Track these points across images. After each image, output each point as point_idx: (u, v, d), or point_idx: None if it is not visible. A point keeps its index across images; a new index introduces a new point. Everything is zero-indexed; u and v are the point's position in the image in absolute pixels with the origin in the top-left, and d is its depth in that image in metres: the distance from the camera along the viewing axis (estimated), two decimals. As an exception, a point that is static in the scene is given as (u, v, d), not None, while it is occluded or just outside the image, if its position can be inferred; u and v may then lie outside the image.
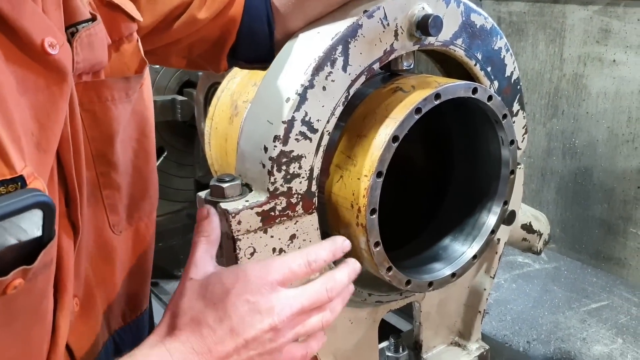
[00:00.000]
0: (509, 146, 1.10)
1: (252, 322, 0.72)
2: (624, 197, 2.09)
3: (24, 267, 0.64)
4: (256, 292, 0.73)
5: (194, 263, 0.80)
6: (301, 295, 0.76)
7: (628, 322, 1.93)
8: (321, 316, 0.78)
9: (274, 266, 0.76)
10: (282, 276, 0.76)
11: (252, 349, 0.73)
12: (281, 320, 0.73)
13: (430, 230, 1.21)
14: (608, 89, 2.06)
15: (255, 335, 0.72)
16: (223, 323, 0.72)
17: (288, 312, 0.74)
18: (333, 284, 0.79)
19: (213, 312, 0.73)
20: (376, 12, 0.98)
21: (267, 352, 0.74)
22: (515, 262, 2.30)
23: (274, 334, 0.73)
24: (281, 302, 0.74)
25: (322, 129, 0.97)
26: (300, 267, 0.77)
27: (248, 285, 0.74)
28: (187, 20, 1.04)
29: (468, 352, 1.36)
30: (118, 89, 0.87)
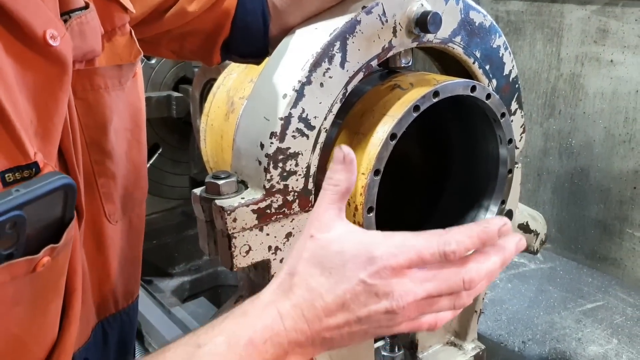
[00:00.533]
0: (507, 145, 1.10)
1: (367, 303, 0.68)
2: (620, 198, 2.09)
3: (52, 246, 0.66)
4: (375, 275, 0.67)
5: (319, 217, 0.73)
6: (430, 281, 0.68)
7: (623, 323, 1.93)
8: (454, 300, 0.70)
9: (402, 251, 0.67)
10: (409, 263, 0.67)
11: (365, 323, 0.69)
12: (400, 306, 0.67)
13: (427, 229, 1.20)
14: (605, 89, 2.05)
15: (369, 314, 0.68)
16: (336, 298, 0.68)
17: (410, 299, 0.67)
18: (474, 276, 0.68)
19: (328, 283, 0.69)
20: (375, 8, 0.97)
21: (384, 326, 0.70)
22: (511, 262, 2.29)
23: (393, 316, 0.68)
24: (404, 288, 0.67)
25: (320, 126, 0.96)
26: (433, 256, 0.67)
27: (370, 264, 0.67)
28: (177, 12, 1.04)
29: (464, 352, 1.36)
30: (111, 76, 0.87)
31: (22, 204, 0.62)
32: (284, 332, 0.69)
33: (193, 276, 2.65)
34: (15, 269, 0.64)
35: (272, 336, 0.69)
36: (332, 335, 0.70)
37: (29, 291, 0.68)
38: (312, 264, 0.70)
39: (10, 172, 0.63)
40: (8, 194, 0.62)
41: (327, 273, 0.69)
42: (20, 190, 0.62)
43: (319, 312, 0.69)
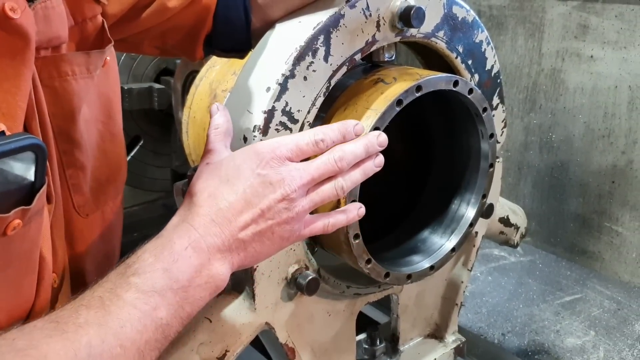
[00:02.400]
0: (489, 140, 1.10)
1: (265, 193, 0.77)
2: (599, 192, 2.11)
3: (23, 208, 0.66)
4: (266, 166, 0.77)
5: (209, 150, 0.84)
6: (310, 166, 0.80)
7: (600, 315, 1.96)
8: (334, 183, 0.82)
9: (282, 143, 0.80)
10: (290, 152, 0.79)
11: (269, 218, 0.77)
12: (292, 189, 0.77)
13: (409, 223, 1.21)
14: (585, 85, 2.08)
15: (269, 204, 0.77)
16: (238, 195, 0.77)
17: (298, 182, 0.78)
18: (341, 154, 0.81)
19: (227, 186, 0.77)
20: (358, 2, 0.97)
21: (285, 222, 0.79)
22: (491, 255, 2.32)
23: (288, 203, 0.78)
24: (290, 174, 0.78)
25: (303, 120, 0.96)
26: (308, 145, 0.81)
27: (259, 160, 0.78)
28: (157, 8, 1.03)
29: (444, 344, 1.37)
30: (78, 63, 0.86)
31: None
32: (200, 238, 0.75)
33: (174, 269, 2.63)
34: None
35: (191, 243, 0.74)
36: (245, 236, 0.77)
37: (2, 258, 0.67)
38: (211, 179, 0.79)
39: None
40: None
41: (225, 179, 0.78)
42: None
43: (226, 214, 0.76)
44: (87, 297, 0.69)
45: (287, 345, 1.08)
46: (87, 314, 0.66)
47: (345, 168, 0.82)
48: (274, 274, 0.99)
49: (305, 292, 1.00)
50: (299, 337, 1.09)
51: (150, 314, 0.69)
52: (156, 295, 0.70)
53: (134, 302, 0.68)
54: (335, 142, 0.83)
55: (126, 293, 0.69)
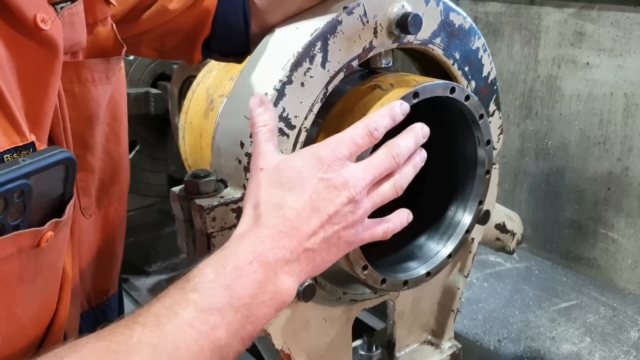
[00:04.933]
0: (485, 146, 1.11)
1: (331, 198, 0.75)
2: (595, 199, 2.12)
3: (56, 220, 0.67)
4: (328, 169, 0.75)
5: (261, 153, 0.80)
6: (369, 165, 0.78)
7: (596, 322, 1.96)
8: (393, 182, 0.81)
9: (340, 142, 0.78)
10: (349, 151, 0.77)
11: (336, 223, 0.75)
12: (357, 191, 0.76)
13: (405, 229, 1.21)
14: (581, 91, 2.08)
15: (336, 209, 0.75)
16: (304, 203, 0.74)
17: (362, 183, 0.76)
18: (398, 150, 0.80)
19: (292, 195, 0.74)
20: (356, 8, 0.97)
21: (350, 225, 0.76)
22: (487, 261, 2.32)
23: (353, 206, 0.76)
24: (354, 175, 0.76)
25: (300, 126, 0.96)
26: (363, 138, 0.78)
27: (320, 164, 0.75)
28: (157, 10, 1.03)
29: (441, 350, 1.37)
30: (98, 70, 0.87)
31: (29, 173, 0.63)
32: (267, 251, 0.71)
33: (170, 274, 2.63)
34: (21, 241, 0.64)
35: (257, 257, 0.70)
36: (313, 244, 0.74)
37: (33, 269, 0.67)
38: (272, 187, 0.76)
39: (9, 153, 0.64)
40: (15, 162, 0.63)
41: (288, 188, 0.75)
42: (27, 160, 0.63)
43: (294, 223, 0.73)
44: (144, 313, 0.66)
45: (283, 352, 1.07)
46: (142, 332, 0.63)
47: (401, 164, 0.81)
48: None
49: (302, 298, 1.00)
50: (295, 343, 1.09)
51: (208, 335, 0.65)
52: (215, 313, 0.66)
53: (192, 322, 0.65)
54: (387, 128, 0.81)
55: (184, 310, 0.65)
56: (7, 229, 0.63)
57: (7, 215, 0.63)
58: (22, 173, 0.63)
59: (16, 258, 0.64)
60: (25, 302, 0.70)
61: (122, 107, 0.99)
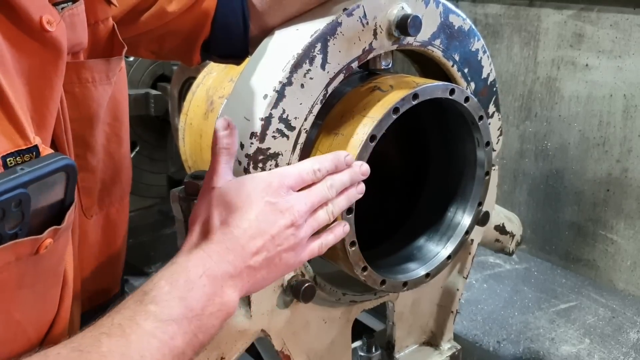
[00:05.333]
0: (485, 147, 1.11)
1: (275, 220, 0.80)
2: (594, 200, 2.12)
3: (55, 227, 0.68)
4: (274, 194, 0.82)
5: (217, 173, 0.85)
6: (309, 194, 0.85)
7: (595, 323, 1.96)
8: (326, 210, 0.87)
9: (288, 173, 0.85)
10: (295, 182, 0.84)
11: (279, 244, 0.81)
12: (300, 216, 0.82)
13: (405, 230, 1.22)
14: (580, 93, 2.08)
15: (279, 231, 0.81)
16: (251, 222, 0.80)
17: (303, 209, 0.83)
18: (332, 182, 0.88)
19: (239, 214, 0.80)
20: (356, 10, 0.97)
21: (291, 248, 0.83)
22: (487, 263, 2.32)
23: (295, 229, 0.82)
24: (297, 202, 0.83)
25: (300, 127, 0.96)
26: (308, 174, 0.86)
27: (268, 188, 0.82)
28: (156, 12, 1.03)
29: (440, 351, 1.37)
30: (98, 70, 0.87)
31: (27, 182, 0.63)
32: (214, 266, 0.76)
33: (169, 275, 2.62)
34: (19, 249, 0.64)
35: (205, 271, 0.76)
36: (255, 263, 0.79)
37: (32, 274, 0.68)
38: (221, 206, 0.81)
39: (12, 157, 0.64)
40: (13, 172, 0.63)
41: (236, 207, 0.80)
42: (25, 169, 0.63)
43: (240, 241, 0.79)
44: (107, 324, 0.69)
45: (283, 353, 1.07)
46: (109, 342, 0.67)
47: (334, 195, 0.88)
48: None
49: (301, 299, 1.00)
50: (294, 344, 1.09)
51: (168, 343, 0.70)
52: (173, 324, 0.71)
53: (153, 331, 0.69)
54: (329, 172, 0.88)
55: (145, 322, 0.69)
56: (4, 238, 0.63)
57: (4, 225, 0.63)
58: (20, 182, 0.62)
59: (14, 266, 0.65)
60: (25, 307, 0.70)
61: (123, 107, 0.99)
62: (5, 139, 0.64)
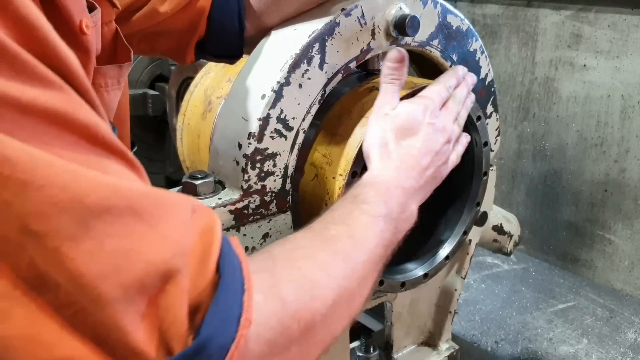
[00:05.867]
0: (483, 148, 1.11)
1: (437, 138, 0.94)
2: (592, 200, 2.12)
3: None
4: (432, 115, 0.94)
5: (389, 102, 0.95)
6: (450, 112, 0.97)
7: (593, 323, 1.96)
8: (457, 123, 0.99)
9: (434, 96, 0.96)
10: (440, 102, 0.97)
11: (440, 158, 0.94)
12: (452, 132, 0.96)
13: (403, 231, 1.21)
14: (578, 93, 2.09)
15: (440, 147, 0.94)
16: (420, 142, 0.92)
17: (451, 126, 0.97)
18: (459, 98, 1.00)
19: (411, 135, 0.92)
20: (354, 10, 0.97)
21: (446, 161, 0.96)
22: (485, 263, 2.32)
23: (449, 145, 0.96)
24: (447, 120, 0.96)
25: (298, 127, 0.96)
26: (445, 92, 0.98)
27: (427, 111, 0.94)
28: (148, 12, 1.03)
29: (438, 352, 1.37)
30: (111, 76, 0.87)
31: None
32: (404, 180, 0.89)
33: (167, 275, 2.62)
34: None
35: (399, 183, 0.88)
36: (427, 177, 0.92)
37: None
38: (396, 130, 0.92)
39: None
40: None
41: (408, 129, 0.92)
42: None
43: (416, 158, 0.91)
44: (329, 217, 0.79)
45: (281, 353, 1.07)
46: (336, 229, 0.76)
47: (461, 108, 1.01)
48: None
49: (299, 299, 1.00)
50: (292, 344, 1.09)
51: (380, 235, 0.80)
52: (382, 220, 0.81)
53: (369, 224, 0.80)
54: (454, 87, 1.00)
55: (362, 215, 0.80)
56: None
57: None
58: None
59: None
60: None
61: (125, 107, 1.00)
62: None
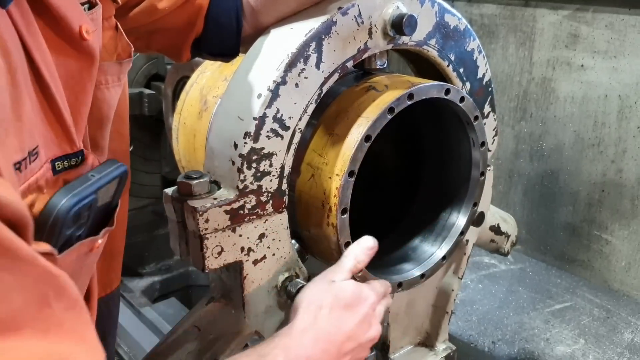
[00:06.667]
0: (480, 148, 1.10)
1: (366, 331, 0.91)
2: (589, 200, 2.12)
3: (108, 228, 0.74)
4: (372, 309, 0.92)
5: (342, 271, 0.94)
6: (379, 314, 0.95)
7: (590, 323, 1.96)
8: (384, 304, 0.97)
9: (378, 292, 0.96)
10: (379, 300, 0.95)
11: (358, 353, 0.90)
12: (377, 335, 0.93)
13: (400, 231, 1.21)
14: (575, 94, 2.08)
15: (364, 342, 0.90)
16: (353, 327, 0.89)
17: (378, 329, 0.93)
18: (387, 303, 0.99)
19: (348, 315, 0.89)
20: (351, 9, 0.97)
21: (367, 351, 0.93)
22: (482, 263, 2.31)
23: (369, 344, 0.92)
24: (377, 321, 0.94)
25: (294, 127, 0.95)
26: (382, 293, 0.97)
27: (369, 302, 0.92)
28: (146, 9, 1.03)
29: (435, 352, 1.37)
30: (112, 72, 0.88)
31: (98, 189, 0.69)
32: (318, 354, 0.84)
33: (163, 276, 2.62)
34: (81, 249, 0.69)
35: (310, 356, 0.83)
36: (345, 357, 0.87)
37: (78, 272, 0.73)
38: (336, 300, 0.89)
39: (60, 161, 0.68)
40: (87, 179, 0.69)
41: (348, 308, 0.89)
42: (95, 175, 0.69)
43: (340, 337, 0.87)
44: None
45: (277, 354, 1.07)
46: None
47: None
48: (264, 282, 0.99)
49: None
50: (288, 345, 1.08)
51: None
52: None
53: None
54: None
55: None
56: (73, 239, 0.68)
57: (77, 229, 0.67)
58: (94, 189, 0.68)
59: (71, 265, 0.69)
60: None
61: (124, 105, 1.01)
62: (56, 144, 0.67)
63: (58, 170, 0.67)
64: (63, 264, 0.66)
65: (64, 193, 0.66)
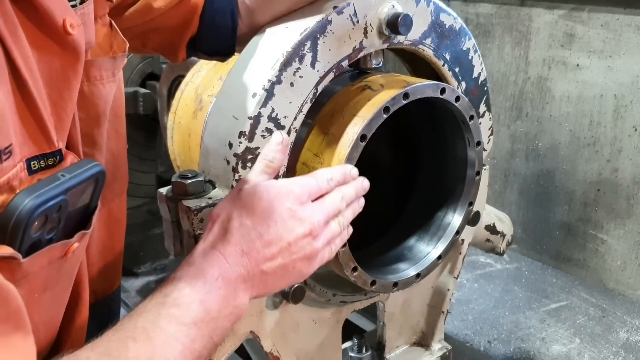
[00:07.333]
0: (475, 147, 1.10)
1: (294, 228, 0.80)
2: (584, 200, 2.12)
3: (83, 232, 0.70)
4: (296, 202, 0.81)
5: (250, 179, 0.85)
6: (326, 205, 0.85)
7: (585, 323, 1.96)
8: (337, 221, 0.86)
9: (307, 183, 0.84)
10: (314, 191, 0.84)
11: (294, 252, 0.81)
12: (318, 226, 0.82)
13: (395, 230, 1.21)
14: (571, 93, 2.09)
15: (296, 239, 0.80)
16: (270, 228, 0.79)
17: (322, 219, 0.83)
18: (343, 194, 0.87)
19: (260, 218, 0.79)
20: (346, 8, 0.96)
21: (306, 257, 0.82)
22: (477, 262, 2.32)
23: (312, 239, 0.82)
24: (316, 212, 0.83)
25: (289, 126, 0.95)
26: (324, 183, 0.85)
27: (290, 195, 0.81)
28: (142, 8, 1.03)
29: (431, 352, 1.36)
30: (106, 68, 0.87)
31: (68, 189, 0.65)
32: (229, 269, 0.77)
33: (159, 276, 2.61)
34: (52, 253, 0.66)
35: (221, 273, 0.76)
36: (268, 268, 0.79)
37: (55, 277, 0.70)
38: (243, 207, 0.80)
39: (36, 160, 0.65)
40: (55, 178, 0.65)
41: (259, 210, 0.80)
42: (65, 175, 0.65)
43: (256, 245, 0.78)
44: (130, 328, 0.70)
45: (272, 354, 1.06)
46: (136, 347, 0.67)
47: (344, 207, 0.87)
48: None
49: (291, 300, 0.99)
50: (284, 345, 1.08)
51: (190, 347, 0.71)
52: (194, 327, 0.71)
53: (177, 335, 0.70)
54: (339, 182, 0.87)
55: (168, 325, 0.70)
56: (43, 243, 0.65)
57: (45, 230, 0.64)
58: (63, 189, 0.64)
59: (45, 269, 0.66)
60: (44, 309, 0.71)
61: (121, 103, 0.99)
62: (32, 143, 0.65)
63: (34, 169, 0.65)
64: (31, 268, 0.64)
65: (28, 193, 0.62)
